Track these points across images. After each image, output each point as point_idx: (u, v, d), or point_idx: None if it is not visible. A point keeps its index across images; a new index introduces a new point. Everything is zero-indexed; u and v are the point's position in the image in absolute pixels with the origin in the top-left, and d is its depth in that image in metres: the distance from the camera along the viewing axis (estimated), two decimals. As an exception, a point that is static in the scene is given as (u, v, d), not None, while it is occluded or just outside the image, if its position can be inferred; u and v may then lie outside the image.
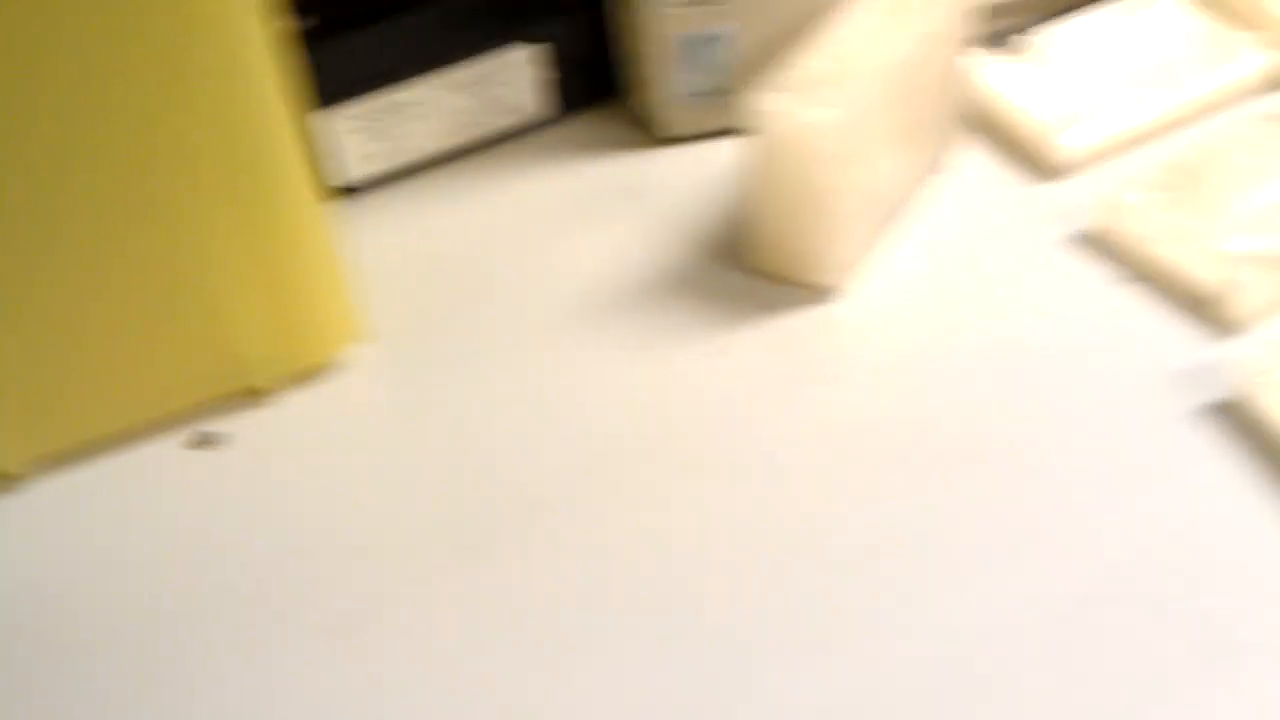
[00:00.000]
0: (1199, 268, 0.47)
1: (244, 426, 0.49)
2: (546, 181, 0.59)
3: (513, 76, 0.60)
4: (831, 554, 0.43)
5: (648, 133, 0.59)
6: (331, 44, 0.56)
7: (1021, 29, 0.58)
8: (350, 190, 0.60)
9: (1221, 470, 0.43)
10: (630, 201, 0.57)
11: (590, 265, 0.54)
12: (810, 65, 0.49)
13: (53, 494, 0.48)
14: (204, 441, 0.49)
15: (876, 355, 0.50)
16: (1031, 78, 0.56)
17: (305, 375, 0.51)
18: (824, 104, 0.47)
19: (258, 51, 0.45)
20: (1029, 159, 0.55)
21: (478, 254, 0.56)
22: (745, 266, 0.52)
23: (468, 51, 0.59)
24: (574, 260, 0.55)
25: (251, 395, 0.50)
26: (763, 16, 0.56)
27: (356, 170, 0.60)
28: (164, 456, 0.48)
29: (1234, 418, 0.44)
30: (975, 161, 0.56)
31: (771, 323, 0.51)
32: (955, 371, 0.48)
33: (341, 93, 0.57)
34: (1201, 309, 0.48)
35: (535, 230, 0.57)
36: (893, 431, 0.47)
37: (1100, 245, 0.51)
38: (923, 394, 0.48)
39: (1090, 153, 0.54)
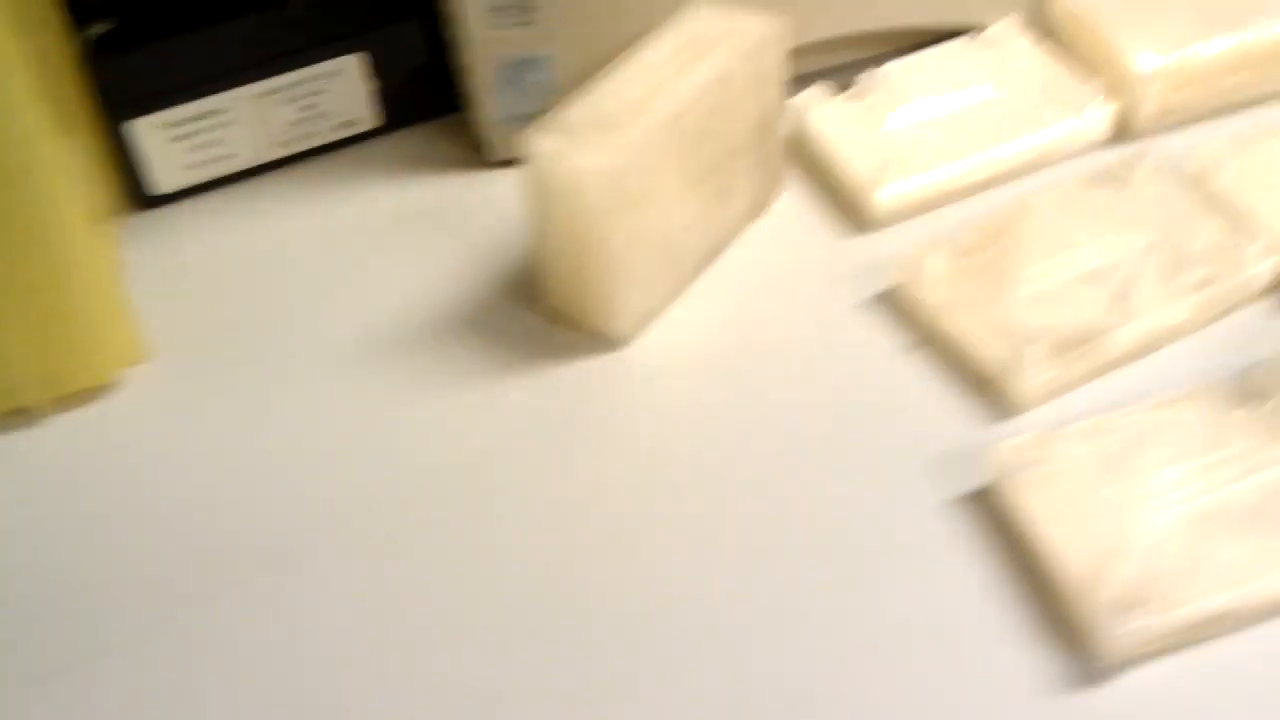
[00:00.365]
0: (985, 342, 0.44)
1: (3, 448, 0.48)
2: (365, 199, 0.57)
3: (338, 87, 0.57)
4: (582, 614, 0.41)
5: (480, 153, 0.57)
6: (138, 51, 0.54)
7: (855, 67, 0.55)
8: (168, 199, 0.58)
9: (964, 564, 0.40)
10: (445, 227, 0.55)
11: (387, 294, 0.52)
12: (592, 105, 0.46)
13: None
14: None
15: (656, 411, 0.47)
16: (860, 121, 0.53)
17: (77, 397, 0.49)
18: (599, 149, 0.44)
19: (5, 69, 0.43)
20: (848, 209, 0.52)
21: (278, 274, 0.54)
22: (540, 308, 0.50)
23: (287, 60, 0.56)
24: (373, 287, 0.53)
25: (20, 415, 0.49)
26: (583, 41, 0.53)
27: (175, 179, 0.57)
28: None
29: (986, 510, 0.41)
30: (797, 208, 0.53)
31: (555, 370, 0.48)
32: (731, 433, 0.45)
33: (153, 101, 0.55)
34: (985, 387, 0.45)
35: (341, 251, 0.54)
36: (657, 492, 0.44)
37: (897, 308, 0.48)
38: (694, 455, 0.45)
39: (908, 206, 0.51)
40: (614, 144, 0.44)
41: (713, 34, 0.48)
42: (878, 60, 0.55)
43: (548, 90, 0.54)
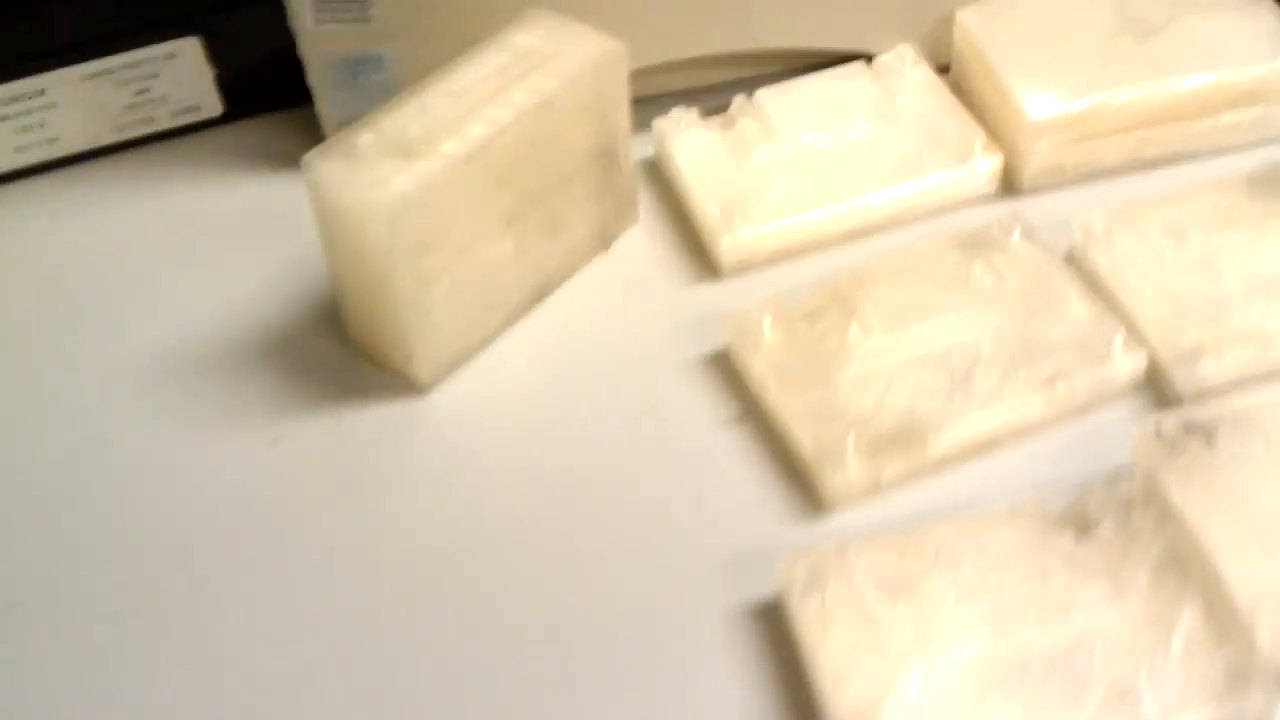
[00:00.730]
0: (805, 426, 0.39)
1: None
2: (195, 194, 0.52)
3: (176, 71, 0.52)
4: (358, 670, 0.37)
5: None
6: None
7: (730, 88, 0.49)
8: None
9: (733, 687, 0.35)
10: (274, 230, 0.50)
11: (192, 306, 0.47)
12: (391, 125, 0.41)
13: None
14: None
15: (448, 468, 0.42)
16: (723, 152, 0.47)
17: None
18: (384, 182, 0.39)
19: None
20: (699, 251, 0.46)
21: (81, 275, 0.49)
22: (348, 339, 0.45)
23: (117, 42, 0.51)
24: (180, 296, 0.48)
25: None
26: (425, 41, 0.47)
27: (4, 161, 0.53)
28: None
29: (768, 626, 0.36)
30: (647, 245, 0.47)
31: (351, 413, 0.43)
32: (522, 499, 0.40)
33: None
34: (800, 478, 0.39)
35: (155, 252, 0.50)
36: (435, 556, 0.39)
37: (726, 373, 0.43)
38: (481, 520, 0.40)
39: (761, 254, 0.45)
40: (404, 176, 0.39)
41: (543, 51, 0.43)
42: (754, 83, 0.49)
43: (388, 91, 0.49)
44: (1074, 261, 0.43)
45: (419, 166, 0.39)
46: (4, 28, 0.50)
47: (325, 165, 0.40)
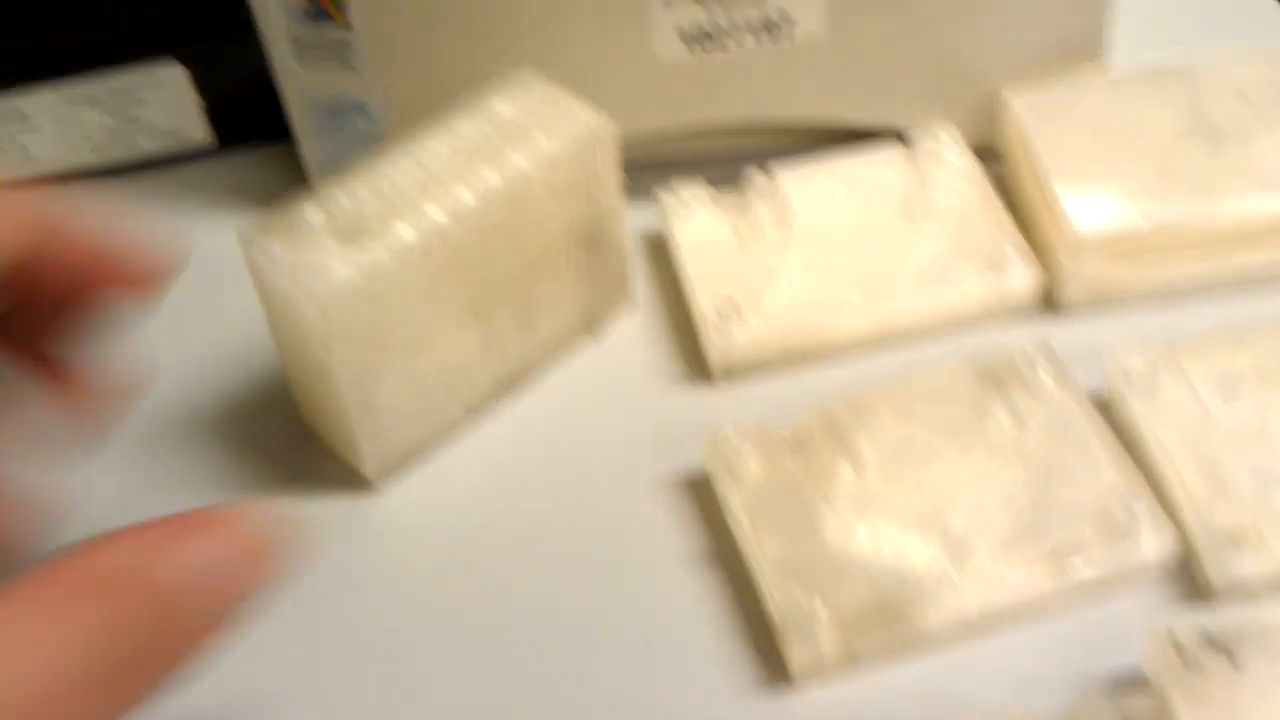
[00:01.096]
0: (776, 583, 0.34)
1: None
2: (165, 228, 0.48)
3: (161, 98, 0.48)
4: None
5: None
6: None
7: (740, 162, 0.44)
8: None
9: None
10: (235, 280, 0.45)
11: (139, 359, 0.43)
12: (344, 199, 0.36)
13: None
14: None
15: (387, 575, 0.38)
16: (730, 235, 0.42)
17: None
18: (324, 269, 0.34)
19: None
20: (693, 347, 0.42)
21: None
22: (301, 420, 0.41)
23: (100, 63, 0.47)
24: (137, 351, 0.44)
25: None
26: (412, 89, 0.43)
27: (-30, 177, 0.49)
28: None
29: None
30: (639, 335, 0.42)
31: (296, 501, 0.39)
32: (463, 610, 0.36)
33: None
34: (767, 640, 0.35)
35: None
36: (363, 657, 0.35)
37: (702, 499, 0.38)
38: (415, 625, 0.36)
39: (756, 358, 0.40)
40: (346, 263, 0.35)
41: (523, 123, 0.38)
42: (774, 152, 0.44)
43: (372, 138, 0.44)
44: (1107, 407, 0.37)
45: (365, 252, 0.35)
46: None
47: (264, 242, 0.35)
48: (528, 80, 0.39)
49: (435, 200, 0.36)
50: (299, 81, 0.43)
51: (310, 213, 0.36)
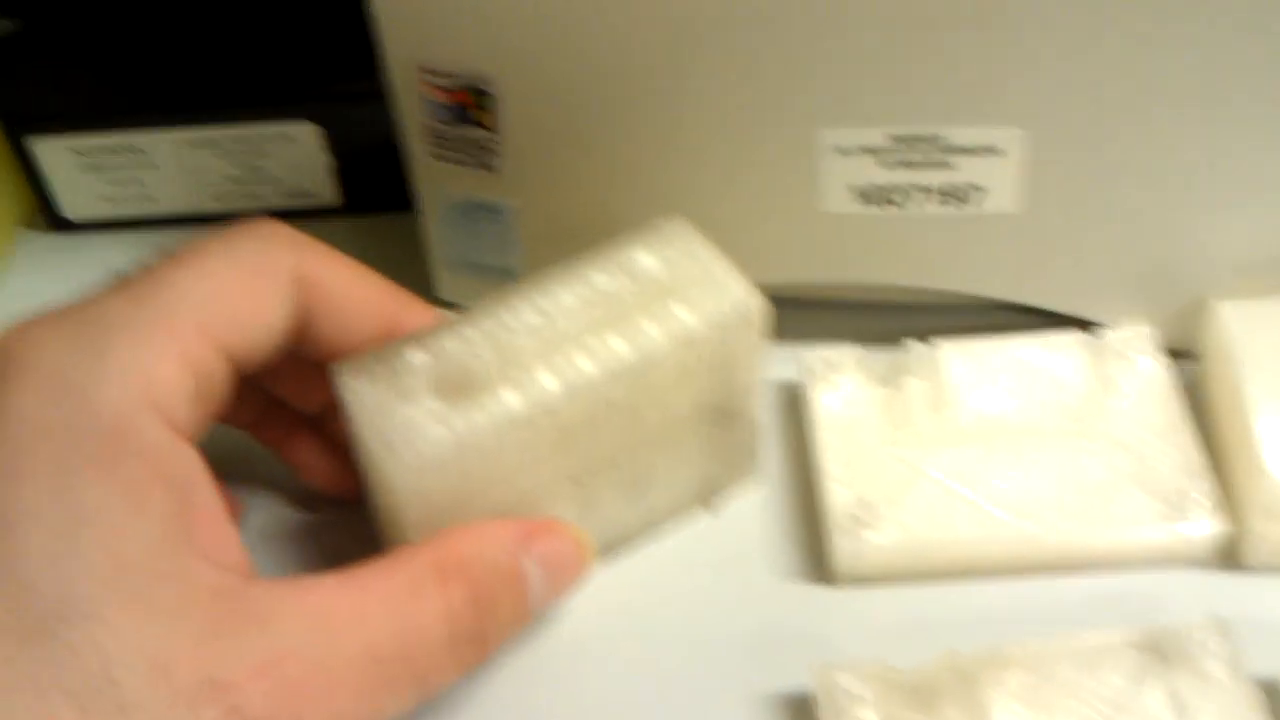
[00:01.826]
0: None
1: None
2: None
3: (290, 153, 0.45)
4: None
5: (430, 284, 0.44)
6: (38, 63, 0.43)
7: (892, 321, 0.39)
8: (87, 226, 0.47)
9: None
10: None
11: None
12: (453, 346, 0.32)
13: None
14: None
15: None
16: (877, 414, 0.37)
17: None
18: (418, 426, 0.30)
19: None
20: (816, 537, 0.37)
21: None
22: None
23: (230, 112, 0.44)
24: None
25: None
26: (550, 200, 0.39)
27: (85, 208, 0.47)
28: None
29: None
30: (760, 514, 0.37)
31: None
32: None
33: (55, 121, 0.44)
34: None
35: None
36: None
37: (803, 732, 0.33)
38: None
39: (887, 567, 0.35)
40: (440, 427, 0.31)
41: (666, 282, 0.33)
42: (929, 318, 0.39)
43: (507, 244, 0.41)
44: (1286, 712, 0.32)
45: (463, 416, 0.31)
46: (104, 74, 0.43)
47: (356, 380, 0.31)
48: (677, 231, 0.34)
49: (551, 366, 0.32)
50: (431, 173, 0.40)
51: (413, 354, 0.32)
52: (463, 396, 0.31)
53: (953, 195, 0.37)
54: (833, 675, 0.32)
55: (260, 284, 0.30)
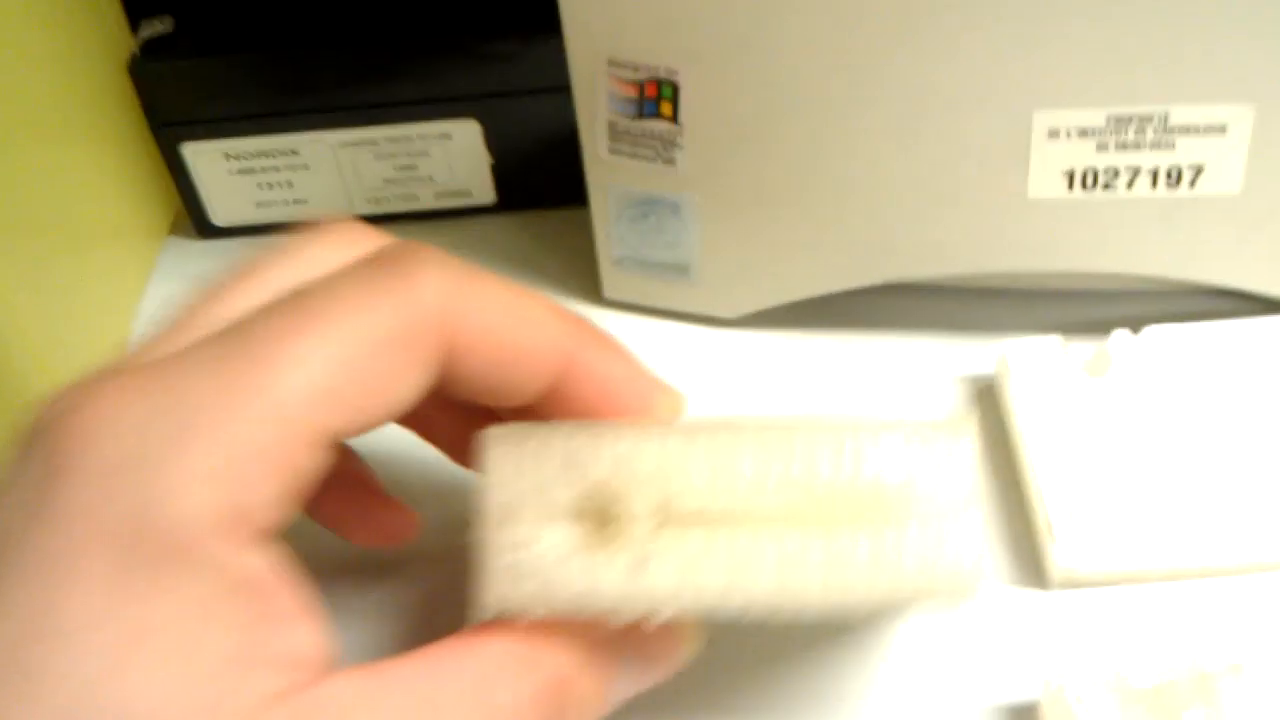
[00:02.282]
0: None
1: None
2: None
3: (448, 152, 0.44)
4: None
5: (595, 282, 0.43)
6: (188, 64, 0.42)
7: (1089, 306, 0.37)
8: (235, 231, 0.46)
9: None
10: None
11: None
12: (599, 467, 0.25)
13: None
14: None
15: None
16: (1082, 410, 0.36)
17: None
18: (529, 547, 0.25)
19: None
20: (1025, 536, 0.35)
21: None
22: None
23: (388, 111, 0.43)
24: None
25: None
26: (730, 195, 0.37)
27: (236, 214, 0.46)
28: None
29: None
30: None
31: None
32: None
33: (207, 125, 0.43)
34: None
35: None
36: None
37: (1034, 747, 0.32)
38: None
39: (1099, 578, 0.34)
40: (561, 566, 0.25)
41: (883, 488, 0.25)
42: (1136, 319, 0.37)
43: (683, 240, 0.39)
44: None
45: (582, 570, 0.25)
46: (255, 75, 0.42)
47: (498, 458, 0.26)
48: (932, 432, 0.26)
49: (712, 560, 0.25)
50: (606, 170, 0.38)
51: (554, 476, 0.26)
52: (600, 535, 0.25)
53: (1171, 177, 0.35)
54: (1063, 687, 0.31)
55: (395, 357, 0.24)
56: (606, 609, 0.25)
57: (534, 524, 0.25)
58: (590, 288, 0.42)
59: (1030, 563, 0.35)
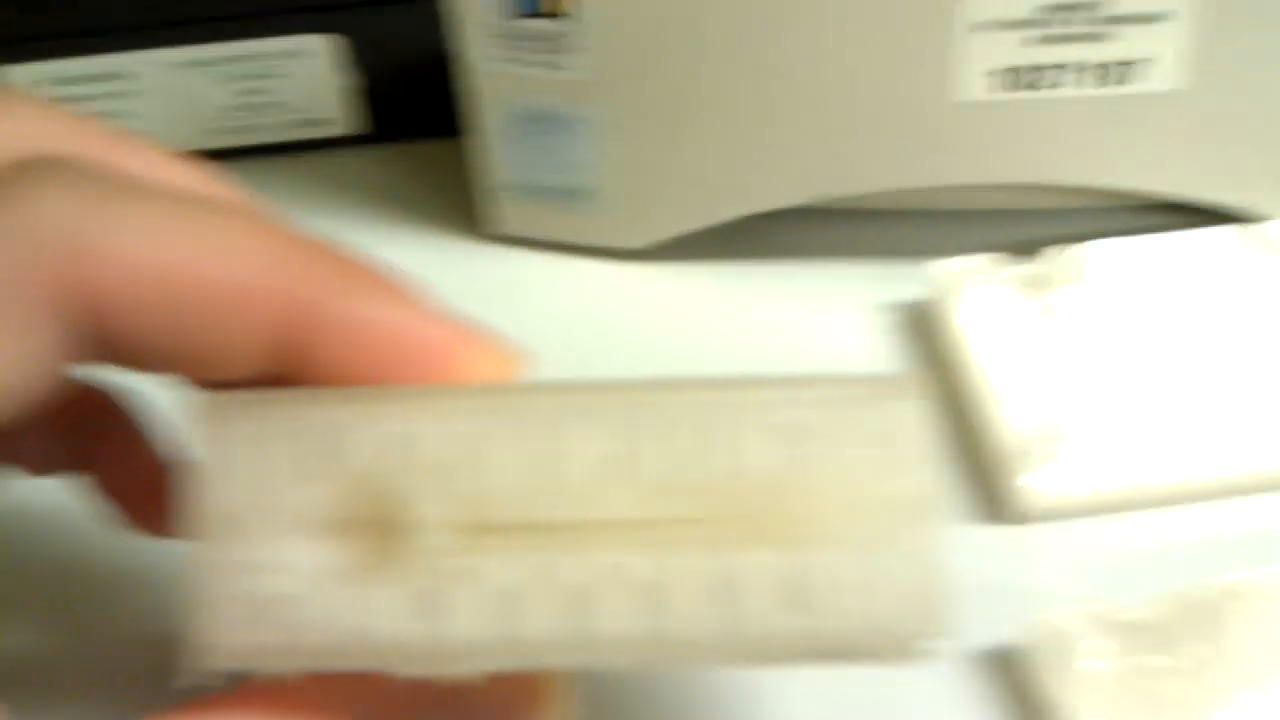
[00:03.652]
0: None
1: None
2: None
3: (301, 73, 0.39)
4: None
5: (473, 218, 0.38)
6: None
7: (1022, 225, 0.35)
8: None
9: None
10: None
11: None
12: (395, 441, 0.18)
13: None
14: None
15: None
16: (1026, 338, 0.33)
17: None
18: (299, 577, 0.18)
19: None
20: (984, 478, 0.32)
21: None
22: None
23: (228, 25, 0.38)
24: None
25: None
26: (645, 111, 0.34)
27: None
28: None
29: None
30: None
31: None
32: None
33: (27, 46, 0.38)
34: None
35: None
36: None
37: (1015, 689, 0.29)
38: None
39: (1068, 506, 0.31)
40: (316, 593, 0.18)
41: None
42: (1064, 218, 0.35)
43: (582, 161, 0.35)
44: None
45: (344, 598, 0.18)
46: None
47: (218, 441, 0.18)
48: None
49: (516, 563, 0.18)
50: (490, 81, 0.34)
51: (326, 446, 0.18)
52: (376, 553, 0.18)
53: (1109, 73, 0.32)
54: (1050, 622, 0.28)
55: None
56: (391, 660, 0.18)
57: (275, 537, 0.18)
58: (473, 225, 0.38)
59: (987, 498, 0.32)
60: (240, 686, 0.18)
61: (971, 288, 0.34)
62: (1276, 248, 0.34)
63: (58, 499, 0.25)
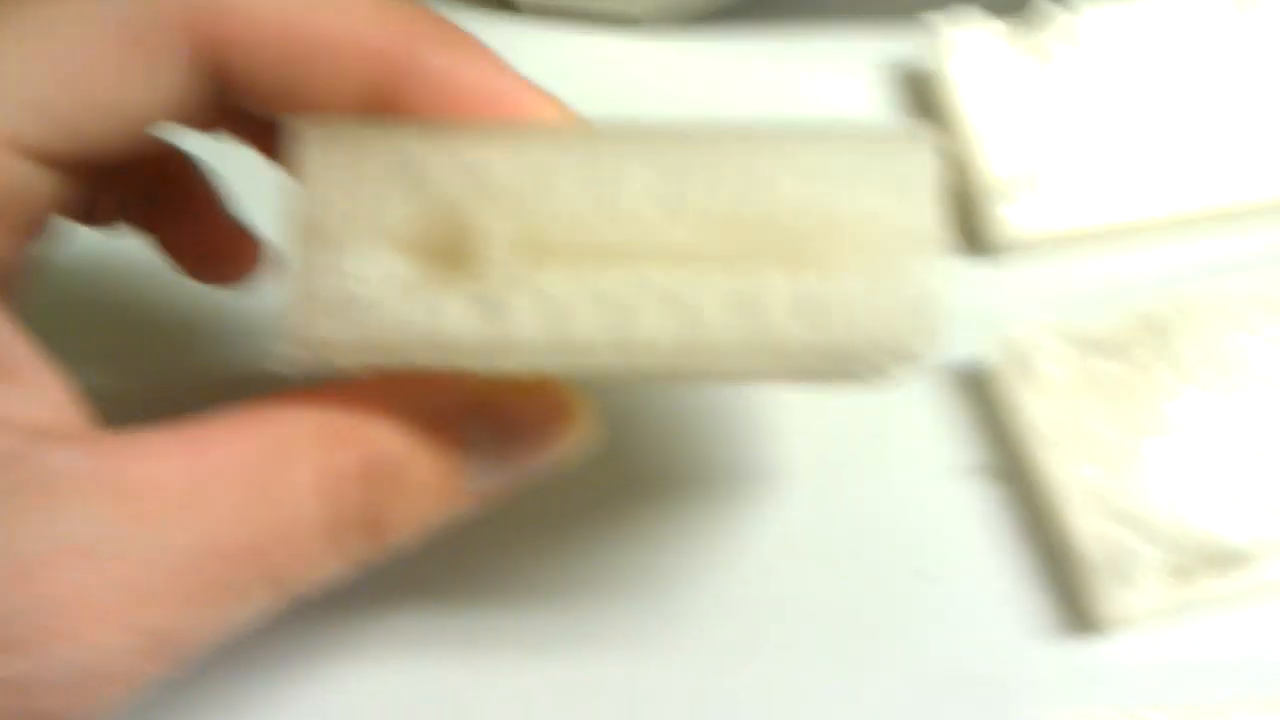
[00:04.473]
0: (1085, 516, 0.29)
1: None
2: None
3: None
4: None
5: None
6: None
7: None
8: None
9: None
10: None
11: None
12: (466, 179, 0.21)
13: None
14: None
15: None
16: (1019, 80, 0.35)
17: None
18: (387, 285, 0.21)
19: None
20: (969, 214, 0.35)
21: None
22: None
23: None
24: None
25: None
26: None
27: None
28: None
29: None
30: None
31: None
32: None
33: None
34: (1060, 575, 0.30)
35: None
36: None
37: (983, 400, 0.32)
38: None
39: (1046, 236, 0.34)
40: (405, 301, 0.21)
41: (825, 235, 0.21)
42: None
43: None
44: None
45: (427, 307, 0.21)
46: None
47: (315, 162, 0.21)
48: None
49: (596, 289, 0.21)
50: None
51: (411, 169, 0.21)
52: (446, 270, 0.20)
53: None
54: (1018, 338, 0.31)
55: (124, 57, 0.20)
56: (453, 359, 0.20)
57: (361, 247, 0.20)
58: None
59: (970, 231, 0.35)
60: (318, 384, 0.21)
61: (965, 42, 0.36)
62: (1257, 6, 0.35)
63: (126, 246, 0.29)
